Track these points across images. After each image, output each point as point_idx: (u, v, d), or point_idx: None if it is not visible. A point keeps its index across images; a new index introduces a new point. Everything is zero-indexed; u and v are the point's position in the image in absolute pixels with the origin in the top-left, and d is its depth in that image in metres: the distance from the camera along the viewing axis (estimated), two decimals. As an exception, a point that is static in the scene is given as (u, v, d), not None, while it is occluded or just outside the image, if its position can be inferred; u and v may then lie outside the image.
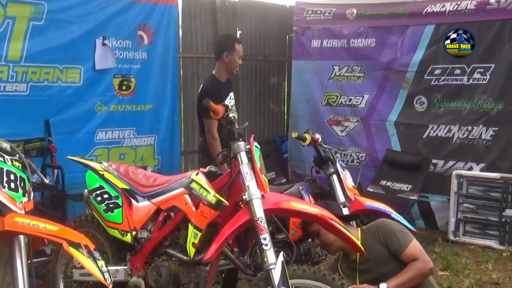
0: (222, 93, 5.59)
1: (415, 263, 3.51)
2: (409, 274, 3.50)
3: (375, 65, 7.71)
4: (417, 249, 3.57)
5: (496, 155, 6.87)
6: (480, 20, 6.83)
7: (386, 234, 3.65)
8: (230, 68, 5.74)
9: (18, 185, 2.97)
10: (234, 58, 5.67)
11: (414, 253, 3.54)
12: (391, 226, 3.74)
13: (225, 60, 5.69)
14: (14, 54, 5.58)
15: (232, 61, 5.68)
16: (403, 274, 3.50)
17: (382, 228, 3.72)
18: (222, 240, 3.55)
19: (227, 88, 5.79)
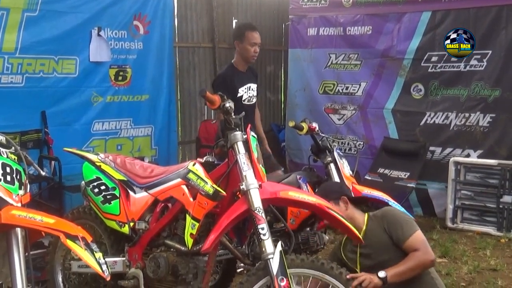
0: (236, 81, 5.57)
1: (416, 253, 3.48)
2: (409, 264, 3.47)
3: (371, 53, 7.69)
4: (419, 240, 3.53)
5: (493, 141, 6.87)
6: (477, 6, 6.81)
7: (390, 222, 3.61)
8: (244, 56, 5.68)
9: (14, 177, 2.95)
10: (245, 46, 5.61)
11: (416, 244, 3.50)
12: (397, 215, 3.70)
13: (237, 50, 5.70)
14: (9, 46, 5.57)
15: (244, 49, 5.63)
16: (403, 264, 3.47)
17: (388, 216, 3.67)
18: (220, 230, 3.55)
19: (246, 78, 5.73)
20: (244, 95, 5.62)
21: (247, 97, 5.66)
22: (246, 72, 5.75)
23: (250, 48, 5.62)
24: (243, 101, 5.61)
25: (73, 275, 4.26)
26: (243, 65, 5.73)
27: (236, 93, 5.52)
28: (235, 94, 5.50)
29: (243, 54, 5.66)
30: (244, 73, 5.72)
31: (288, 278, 3.31)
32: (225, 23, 8.39)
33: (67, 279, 4.33)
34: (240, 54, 5.69)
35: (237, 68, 5.69)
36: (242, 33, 5.65)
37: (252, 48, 5.63)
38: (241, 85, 5.61)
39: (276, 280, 3.27)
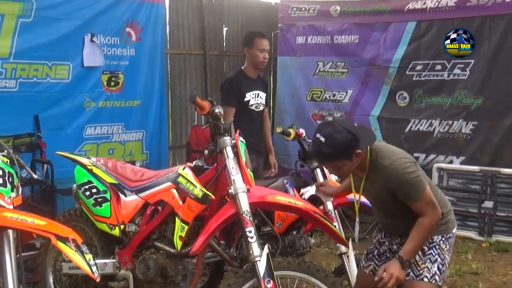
0: (243, 86, 5.59)
1: (423, 222, 3.18)
2: (421, 235, 3.20)
3: (358, 61, 7.71)
4: (426, 202, 3.18)
5: (475, 148, 6.91)
6: (460, 17, 6.85)
7: (396, 183, 3.19)
8: (254, 62, 5.70)
9: (7, 180, 2.96)
10: (254, 52, 5.64)
11: (423, 207, 3.18)
12: (402, 173, 3.17)
13: (247, 57, 5.74)
14: (3, 51, 5.54)
15: (253, 55, 5.66)
16: (416, 239, 3.19)
17: (392, 177, 3.20)
18: (208, 233, 3.56)
19: (254, 84, 5.74)
20: (252, 100, 5.64)
21: (255, 103, 5.68)
22: (255, 79, 5.77)
23: (259, 54, 5.64)
24: (250, 107, 5.65)
25: (64, 276, 4.25)
26: (253, 71, 5.75)
27: (243, 97, 5.58)
28: (242, 98, 5.56)
29: (253, 60, 5.68)
30: (253, 80, 5.74)
31: (275, 280, 3.32)
32: (216, 31, 8.40)
33: (58, 280, 4.32)
34: (249, 60, 5.72)
35: (246, 74, 5.73)
36: (252, 40, 5.68)
37: (261, 54, 5.65)
38: (249, 91, 5.63)
39: (263, 282, 3.29)
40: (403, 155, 3.29)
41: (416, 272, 3.27)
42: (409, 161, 3.24)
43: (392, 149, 3.37)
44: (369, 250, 3.65)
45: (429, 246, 3.30)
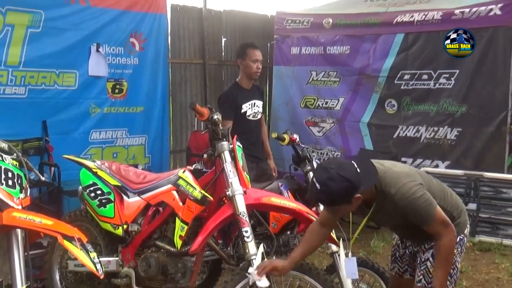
0: (239, 98, 5.47)
1: (443, 245, 2.98)
2: (445, 258, 3.02)
3: (349, 71, 7.72)
4: (439, 222, 2.98)
5: (459, 153, 6.92)
6: (445, 29, 6.84)
7: (406, 210, 2.97)
8: (247, 73, 5.58)
9: (16, 182, 2.94)
10: (247, 63, 5.51)
11: (436, 230, 2.99)
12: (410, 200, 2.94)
13: (241, 68, 5.63)
14: (13, 60, 5.53)
15: (247, 66, 5.53)
16: (443, 265, 3.02)
17: (401, 204, 2.96)
18: (207, 232, 3.57)
19: (250, 95, 5.61)
20: (248, 111, 5.53)
21: (252, 113, 5.57)
22: (250, 89, 5.65)
23: (253, 65, 5.52)
24: (248, 117, 5.53)
25: (70, 273, 4.25)
26: (247, 82, 5.63)
27: (240, 109, 5.45)
28: (239, 110, 5.45)
29: (246, 71, 5.57)
30: (248, 90, 5.62)
31: (270, 277, 3.31)
32: (214, 41, 8.40)
33: (64, 277, 4.32)
34: (243, 71, 5.60)
35: (241, 86, 5.60)
36: (244, 51, 5.57)
37: (254, 64, 5.53)
38: (245, 102, 5.51)
39: (258, 279, 3.28)
40: (407, 179, 3.01)
41: (428, 279, 3.14)
42: (415, 184, 2.98)
43: (396, 173, 3.06)
44: (392, 253, 3.55)
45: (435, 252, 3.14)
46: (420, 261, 3.21)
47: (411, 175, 3.06)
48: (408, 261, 3.43)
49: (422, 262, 3.19)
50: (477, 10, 6.62)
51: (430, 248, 3.17)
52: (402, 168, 3.15)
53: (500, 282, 5.29)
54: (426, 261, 3.17)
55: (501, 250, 6.18)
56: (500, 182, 6.51)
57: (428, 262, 3.16)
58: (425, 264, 3.17)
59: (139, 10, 6.65)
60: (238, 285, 3.40)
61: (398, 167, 3.14)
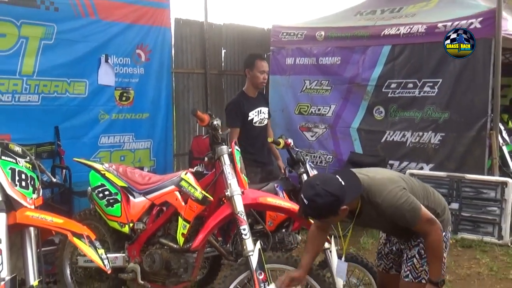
0: (246, 105, 5.39)
1: (431, 241, 2.99)
2: (435, 253, 3.02)
3: (340, 80, 7.71)
4: (424, 221, 2.97)
5: (443, 157, 6.91)
6: (430, 41, 6.86)
7: (393, 216, 2.96)
8: (254, 83, 5.50)
9: (29, 183, 2.95)
10: (255, 74, 5.43)
11: (423, 228, 2.99)
12: (396, 206, 2.93)
13: (248, 77, 5.53)
14: (27, 69, 5.54)
15: (254, 77, 5.45)
16: (434, 259, 3.03)
17: (388, 211, 2.95)
18: (207, 230, 3.57)
19: (256, 103, 5.53)
20: (255, 118, 5.47)
21: (258, 120, 5.51)
22: (256, 98, 5.58)
23: (260, 76, 5.45)
24: (255, 124, 5.46)
25: (80, 268, 4.24)
26: (253, 91, 5.55)
27: (246, 117, 5.38)
28: (246, 118, 5.37)
29: (253, 81, 5.49)
30: (254, 98, 5.55)
31: (266, 272, 3.31)
32: (215, 53, 8.40)
33: (74, 272, 4.31)
34: (250, 81, 5.52)
35: (247, 94, 5.52)
36: (253, 62, 5.48)
37: (261, 75, 5.47)
38: (251, 109, 5.43)
39: (255, 274, 3.29)
40: (391, 185, 2.99)
41: (415, 274, 3.13)
42: (399, 190, 2.97)
43: (380, 181, 3.03)
44: (378, 250, 3.54)
45: (425, 249, 3.13)
46: (407, 257, 3.19)
47: (394, 181, 3.04)
48: (393, 259, 3.41)
49: (408, 259, 3.18)
50: (459, 24, 6.62)
51: (416, 246, 3.16)
52: (384, 175, 3.13)
53: (481, 276, 5.28)
54: (413, 258, 3.16)
55: (482, 247, 6.17)
56: (480, 183, 6.50)
57: (415, 259, 3.15)
58: (411, 261, 3.16)
59: (145, 24, 6.66)
60: (236, 279, 3.40)
61: (380, 174, 3.12)
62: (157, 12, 6.81)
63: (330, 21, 8.17)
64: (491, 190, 6.43)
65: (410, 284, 3.15)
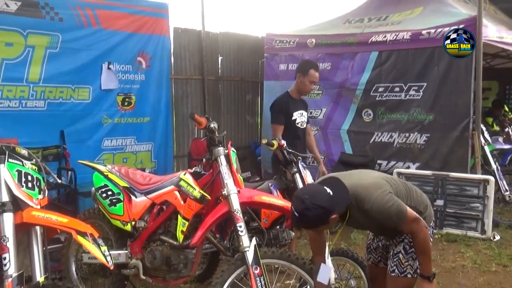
0: (291, 107, 5.24)
1: (417, 239, 2.98)
2: (423, 250, 3.00)
3: (331, 84, 7.72)
4: (410, 221, 2.95)
5: (428, 156, 6.92)
6: (414, 47, 6.88)
7: (382, 219, 2.95)
8: (300, 89, 5.35)
9: (35, 184, 2.93)
10: (305, 81, 5.24)
11: (409, 227, 2.97)
12: (383, 210, 2.92)
13: (297, 81, 5.32)
14: (34, 77, 5.53)
15: (302, 83, 5.27)
16: (422, 256, 3.02)
17: (376, 216, 2.94)
18: (206, 228, 3.55)
19: (299, 105, 5.37)
20: (298, 119, 5.33)
21: (300, 121, 5.36)
22: (299, 101, 5.43)
23: (309, 85, 5.30)
24: (297, 124, 5.33)
25: (84, 265, 4.21)
26: (297, 95, 5.39)
27: (291, 116, 5.26)
28: (290, 117, 5.25)
29: (301, 86, 5.32)
30: (297, 101, 5.40)
31: (261, 267, 3.30)
32: (212, 60, 8.38)
33: (79, 268, 4.29)
34: (298, 86, 5.33)
35: (291, 96, 5.37)
36: (307, 70, 5.27)
37: (311, 85, 5.33)
38: (295, 110, 5.29)
39: (251, 269, 3.28)
40: (378, 191, 2.95)
41: (401, 269, 3.11)
42: (385, 194, 2.94)
43: (366, 187, 2.98)
44: (367, 245, 3.52)
45: (410, 245, 3.10)
46: (393, 253, 3.17)
47: (380, 186, 3.00)
48: (381, 253, 3.41)
49: (394, 255, 3.16)
50: (442, 31, 6.64)
51: (401, 242, 3.14)
52: (370, 179, 3.07)
53: (465, 269, 5.28)
54: (398, 253, 3.14)
55: (466, 241, 6.17)
56: (464, 181, 6.50)
57: (400, 254, 3.13)
58: (397, 256, 3.14)
59: (145, 32, 6.66)
60: (233, 273, 3.39)
61: (366, 180, 3.06)
62: (156, 22, 6.81)
63: (320, 29, 8.18)
64: (474, 188, 6.44)
65: (396, 279, 3.14)
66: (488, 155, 6.98)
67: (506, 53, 8.75)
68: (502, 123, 8.22)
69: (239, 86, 8.91)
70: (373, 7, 8.24)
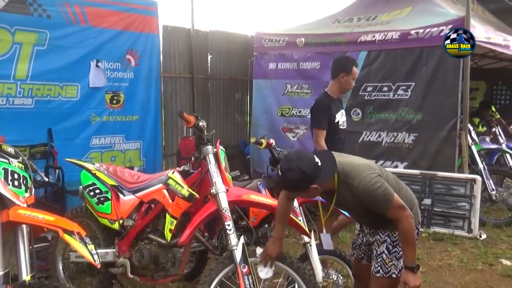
0: (333, 108, 4.78)
1: (402, 227, 2.92)
2: (408, 239, 2.94)
3: (320, 83, 7.69)
4: (396, 208, 2.92)
5: (416, 155, 6.95)
6: (403, 47, 6.90)
7: (368, 200, 2.94)
8: (344, 88, 4.93)
9: (21, 182, 2.90)
10: (349, 80, 4.83)
11: (394, 214, 2.93)
12: (371, 191, 2.91)
13: (341, 80, 4.82)
14: (21, 74, 5.48)
15: (347, 82, 4.84)
16: (406, 245, 2.95)
17: (363, 194, 2.93)
18: (194, 226, 3.54)
19: (339, 105, 4.93)
20: (340, 120, 4.86)
21: (342, 122, 4.90)
22: (337, 100, 4.97)
23: (352, 82, 4.91)
24: (340, 126, 4.87)
25: (72, 264, 4.18)
26: (337, 94, 4.93)
27: (333, 119, 4.79)
28: (333, 120, 4.78)
29: (344, 85, 4.88)
30: (337, 101, 4.94)
31: (249, 265, 3.29)
32: (201, 58, 8.37)
33: (67, 267, 4.26)
34: (340, 85, 4.86)
35: (331, 96, 4.87)
36: (350, 68, 4.84)
37: (353, 81, 4.97)
38: (336, 112, 4.84)
39: (239, 267, 3.27)
40: (368, 171, 2.98)
41: (385, 269, 3.10)
42: (374, 176, 2.95)
43: (357, 165, 3.02)
44: (353, 241, 3.50)
45: (393, 244, 3.10)
46: (376, 254, 3.15)
47: (371, 167, 3.04)
48: (364, 250, 3.39)
49: (378, 255, 3.14)
50: (430, 31, 6.67)
51: (384, 242, 3.13)
52: (362, 161, 3.14)
53: (452, 267, 5.31)
54: (382, 254, 3.12)
55: (453, 240, 6.21)
56: (451, 180, 6.55)
57: (384, 255, 3.12)
58: (381, 257, 3.12)
59: (135, 30, 6.63)
60: (221, 272, 3.38)
61: (358, 160, 3.13)
62: (146, 20, 6.77)
63: (310, 28, 8.19)
64: (461, 187, 6.48)
65: (381, 279, 3.12)
66: (475, 155, 7.02)
67: (494, 53, 8.81)
68: (489, 123, 8.28)
69: (228, 84, 8.90)
70: (363, 6, 8.26)
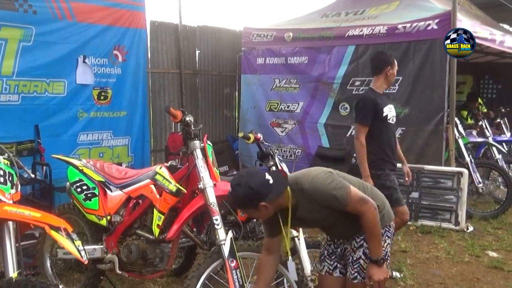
0: (380, 103, 4.67)
1: (366, 220, 2.86)
2: (373, 231, 2.89)
3: (308, 78, 7.75)
4: (356, 200, 2.87)
5: (404, 149, 6.84)
6: (390, 41, 6.94)
7: (323, 198, 2.85)
8: (390, 81, 4.86)
9: (7, 179, 2.88)
10: (393, 72, 4.78)
11: (356, 207, 2.87)
12: (323, 188, 2.85)
13: (387, 74, 4.75)
14: (7, 70, 5.41)
15: (393, 75, 4.80)
16: (371, 237, 2.91)
17: (317, 194, 2.86)
18: (182, 221, 3.55)
19: (385, 100, 4.83)
20: (389, 114, 4.75)
21: (391, 117, 4.78)
22: (383, 95, 4.86)
23: (395, 73, 4.86)
24: (389, 120, 4.75)
25: (59, 261, 4.17)
26: (383, 88, 4.86)
27: (382, 113, 4.66)
28: (381, 114, 4.67)
29: (390, 78, 4.82)
30: (383, 96, 4.84)
31: (237, 260, 3.30)
32: (189, 53, 8.35)
33: (54, 264, 4.24)
34: (386, 78, 4.79)
35: (377, 92, 4.78)
36: (393, 60, 4.80)
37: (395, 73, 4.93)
38: (384, 106, 4.71)
39: (227, 262, 3.28)
40: (317, 171, 2.94)
41: (363, 275, 3.00)
42: (323, 173, 2.91)
43: (307, 170, 2.99)
44: (320, 253, 3.32)
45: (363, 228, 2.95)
46: (352, 260, 3.05)
47: (321, 169, 2.98)
48: (337, 258, 3.21)
49: (354, 261, 3.05)
50: (417, 25, 6.71)
51: (360, 247, 3.03)
52: (316, 167, 3.04)
53: (439, 259, 5.36)
54: (359, 259, 3.03)
55: (440, 233, 6.26)
56: (438, 174, 6.60)
57: (361, 260, 3.03)
58: (357, 263, 3.03)
59: (122, 25, 6.57)
60: (210, 267, 3.39)
61: (312, 168, 3.04)
62: (133, 15, 6.72)
63: (298, 23, 8.20)
64: (448, 180, 6.53)
65: (359, 285, 3.04)
66: (462, 148, 7.07)
67: (480, 47, 8.86)
68: (476, 117, 8.34)
69: (216, 80, 8.89)
70: (350, 1, 8.30)
